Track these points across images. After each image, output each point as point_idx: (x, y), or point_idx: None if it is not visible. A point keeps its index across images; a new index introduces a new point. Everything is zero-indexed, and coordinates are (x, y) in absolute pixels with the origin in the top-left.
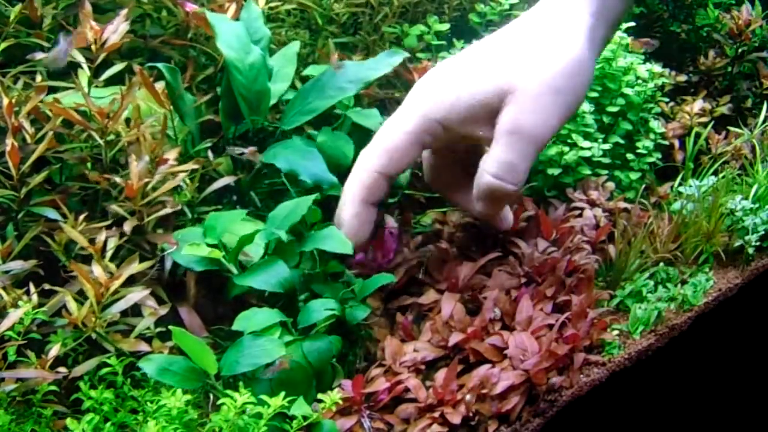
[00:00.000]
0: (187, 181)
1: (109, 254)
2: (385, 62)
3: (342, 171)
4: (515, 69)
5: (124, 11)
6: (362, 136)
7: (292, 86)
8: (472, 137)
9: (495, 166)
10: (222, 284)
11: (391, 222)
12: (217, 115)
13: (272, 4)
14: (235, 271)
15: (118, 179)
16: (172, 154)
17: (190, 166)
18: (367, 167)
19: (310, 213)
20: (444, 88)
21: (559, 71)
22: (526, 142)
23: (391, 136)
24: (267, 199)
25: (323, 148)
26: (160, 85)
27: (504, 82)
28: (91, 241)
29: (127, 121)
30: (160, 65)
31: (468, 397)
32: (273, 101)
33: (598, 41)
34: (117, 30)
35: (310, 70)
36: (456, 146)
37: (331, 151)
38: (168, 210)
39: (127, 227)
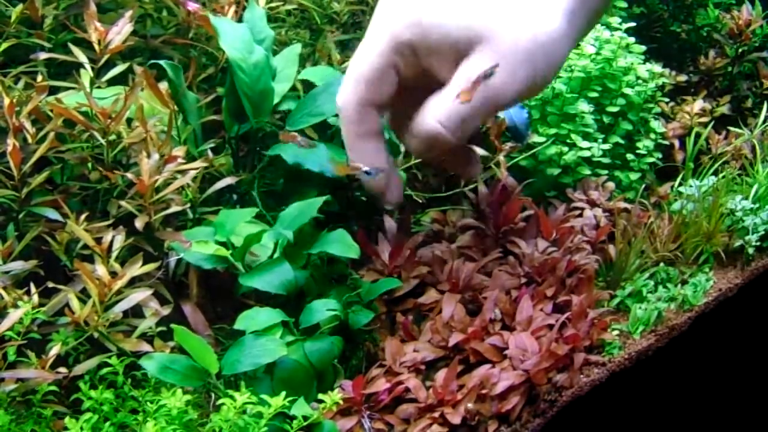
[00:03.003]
0: (190, 181)
1: (114, 254)
2: None
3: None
4: (494, 19)
5: (129, 12)
6: None
7: (293, 88)
8: (432, 72)
9: (444, 114)
10: (224, 283)
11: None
12: (219, 115)
13: (272, 5)
14: (242, 269)
15: (129, 175)
16: (179, 152)
17: (199, 164)
18: (350, 102)
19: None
20: (416, 11)
21: (534, 39)
22: (483, 98)
23: (365, 63)
24: (267, 199)
25: None
26: (163, 85)
27: (479, 28)
28: (98, 241)
29: (129, 121)
30: (163, 62)
31: (470, 405)
32: (276, 101)
33: (575, 28)
34: (121, 31)
35: (307, 74)
36: (416, 84)
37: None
38: (177, 208)
39: (139, 224)
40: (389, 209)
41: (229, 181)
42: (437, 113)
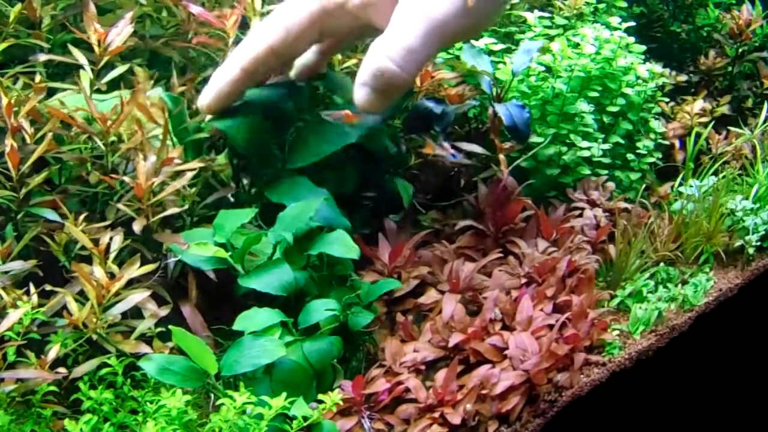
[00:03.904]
0: (187, 186)
1: (112, 255)
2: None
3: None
4: None
5: (129, 14)
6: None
7: None
8: (369, 25)
9: (391, 48)
10: (223, 284)
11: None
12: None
13: (272, 6)
14: (241, 270)
15: (127, 179)
16: (175, 153)
17: (196, 164)
18: (262, 39)
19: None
20: None
21: None
22: (427, 28)
23: (293, 13)
24: (264, 207)
25: (326, 179)
26: (158, 90)
27: None
28: (95, 242)
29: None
30: (163, 94)
31: (468, 406)
32: None
33: None
34: (122, 33)
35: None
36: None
37: (333, 181)
38: (175, 210)
39: (137, 227)
40: None
41: (227, 192)
42: (384, 50)
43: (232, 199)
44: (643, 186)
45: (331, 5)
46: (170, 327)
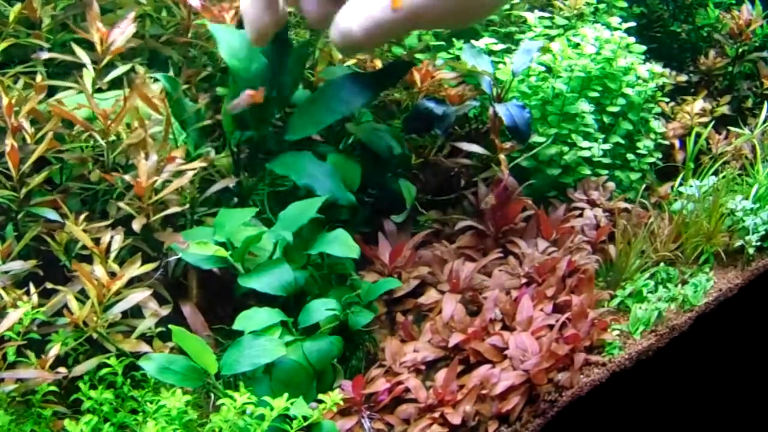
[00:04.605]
0: (188, 183)
1: (113, 254)
2: (392, 73)
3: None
4: None
5: (132, 14)
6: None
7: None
8: None
9: (363, 17)
10: (224, 284)
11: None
12: (218, 114)
13: None
14: (241, 270)
15: (127, 177)
16: (179, 153)
17: (198, 164)
18: None
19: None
20: None
21: None
22: (404, 11)
23: None
24: (268, 200)
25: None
26: (158, 86)
27: None
28: (96, 241)
29: (127, 124)
30: (159, 76)
31: (467, 408)
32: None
33: None
34: (124, 32)
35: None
36: None
37: (340, 173)
38: (175, 209)
39: (136, 225)
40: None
41: (227, 182)
42: (354, 15)
43: (232, 186)
44: (643, 186)
45: None
46: (170, 326)
